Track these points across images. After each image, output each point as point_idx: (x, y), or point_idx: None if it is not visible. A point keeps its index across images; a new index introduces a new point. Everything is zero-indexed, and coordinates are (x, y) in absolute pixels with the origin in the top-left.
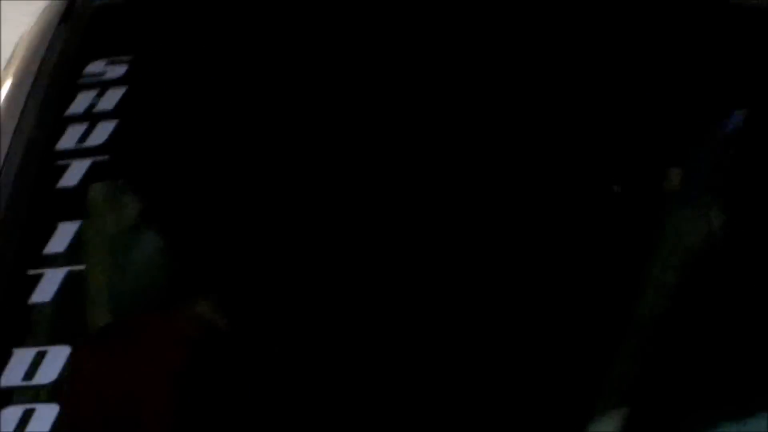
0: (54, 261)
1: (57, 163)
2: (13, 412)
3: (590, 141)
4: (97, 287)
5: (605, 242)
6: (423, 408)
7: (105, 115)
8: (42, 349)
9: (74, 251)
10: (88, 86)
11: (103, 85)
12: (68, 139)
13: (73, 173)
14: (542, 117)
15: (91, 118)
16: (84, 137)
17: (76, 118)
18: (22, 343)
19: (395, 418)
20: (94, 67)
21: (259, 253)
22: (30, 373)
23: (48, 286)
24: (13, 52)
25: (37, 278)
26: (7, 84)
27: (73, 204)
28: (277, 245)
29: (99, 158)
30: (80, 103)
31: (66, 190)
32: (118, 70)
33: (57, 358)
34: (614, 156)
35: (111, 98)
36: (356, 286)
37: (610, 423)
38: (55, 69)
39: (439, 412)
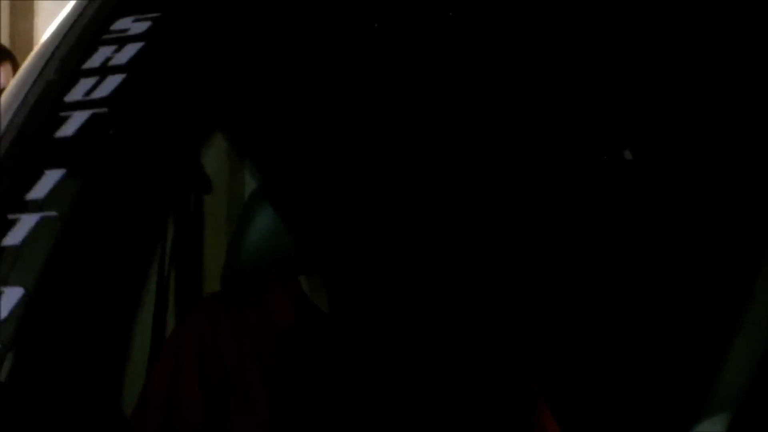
0: (33, 206)
1: (61, 114)
2: None
3: None
4: (213, 255)
5: None
6: None
7: (116, 69)
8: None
9: (52, 198)
10: (110, 41)
11: (123, 41)
12: (77, 92)
13: (72, 124)
14: None
15: (104, 72)
16: (91, 90)
17: (90, 72)
18: None
19: None
20: (121, 23)
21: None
22: None
23: (21, 230)
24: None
25: (14, 222)
26: (43, 38)
27: (63, 153)
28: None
29: (98, 110)
30: (98, 57)
31: (61, 140)
32: (141, 27)
33: (10, 298)
34: None
35: (127, 53)
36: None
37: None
38: (85, 25)
39: None
